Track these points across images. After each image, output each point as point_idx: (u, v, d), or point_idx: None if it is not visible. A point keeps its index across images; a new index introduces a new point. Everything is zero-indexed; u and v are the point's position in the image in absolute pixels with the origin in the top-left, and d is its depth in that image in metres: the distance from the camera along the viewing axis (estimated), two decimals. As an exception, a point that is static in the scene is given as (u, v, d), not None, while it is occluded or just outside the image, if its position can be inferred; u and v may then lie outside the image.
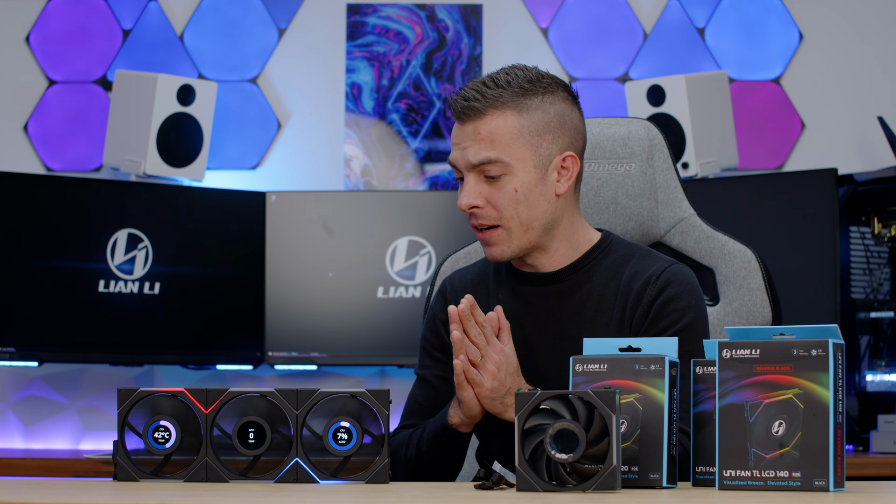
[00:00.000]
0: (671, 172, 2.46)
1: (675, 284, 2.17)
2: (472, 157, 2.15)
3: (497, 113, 2.15)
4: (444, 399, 2.24)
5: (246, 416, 1.85)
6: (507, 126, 2.15)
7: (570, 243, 2.23)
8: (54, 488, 1.83)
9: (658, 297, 2.16)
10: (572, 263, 2.22)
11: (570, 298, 2.21)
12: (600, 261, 2.23)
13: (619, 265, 2.22)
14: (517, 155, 2.15)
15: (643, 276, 2.19)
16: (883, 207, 3.78)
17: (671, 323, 2.15)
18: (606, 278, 2.21)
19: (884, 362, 3.76)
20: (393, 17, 4.25)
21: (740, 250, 2.42)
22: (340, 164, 4.24)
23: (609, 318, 2.18)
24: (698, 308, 2.18)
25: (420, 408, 2.29)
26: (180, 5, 4.27)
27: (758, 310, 2.39)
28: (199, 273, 3.93)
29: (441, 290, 2.34)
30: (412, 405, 2.32)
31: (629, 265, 2.21)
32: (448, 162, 2.22)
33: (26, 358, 3.78)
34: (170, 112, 3.97)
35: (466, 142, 2.16)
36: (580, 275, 2.22)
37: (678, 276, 2.18)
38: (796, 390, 1.69)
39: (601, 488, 1.68)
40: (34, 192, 3.77)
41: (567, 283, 2.22)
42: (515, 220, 2.16)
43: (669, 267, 2.19)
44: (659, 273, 2.18)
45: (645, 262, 2.21)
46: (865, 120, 4.14)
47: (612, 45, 4.25)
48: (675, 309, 2.15)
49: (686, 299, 2.16)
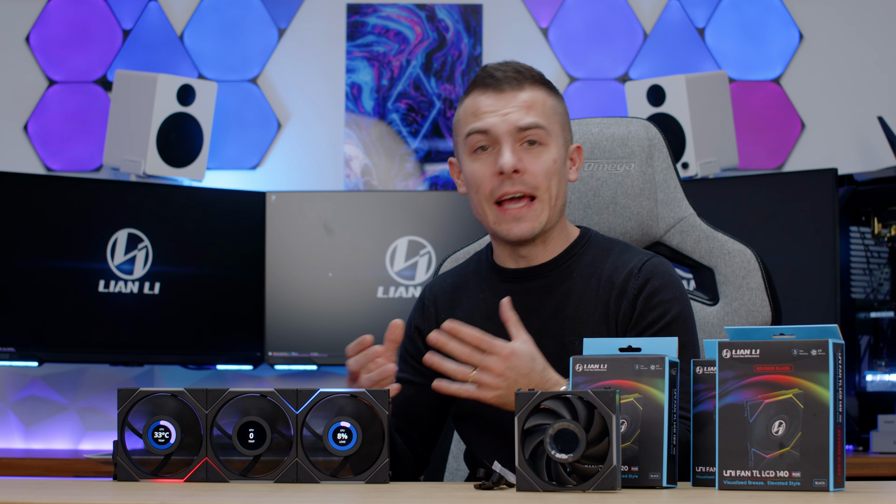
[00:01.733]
0: (671, 172, 2.46)
1: (658, 277, 2.18)
2: (518, 120, 2.16)
3: (535, 88, 2.20)
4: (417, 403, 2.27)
5: (246, 416, 1.85)
6: (545, 101, 2.19)
7: (562, 235, 2.24)
8: (54, 488, 1.83)
9: (642, 290, 2.17)
10: (553, 259, 2.23)
11: (551, 295, 2.21)
12: (580, 257, 2.23)
13: (598, 261, 2.22)
14: (553, 129, 2.19)
15: (624, 270, 2.19)
16: (883, 207, 3.78)
17: (659, 316, 2.15)
18: (587, 274, 2.21)
19: (884, 362, 3.76)
20: (393, 17, 4.25)
21: (740, 250, 2.42)
22: (340, 164, 4.24)
23: (590, 314, 2.19)
24: (682, 299, 2.19)
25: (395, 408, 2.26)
26: (180, 5, 4.27)
27: (757, 309, 2.39)
28: (199, 273, 3.93)
29: (421, 298, 2.35)
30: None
31: (609, 260, 2.22)
32: (471, 131, 2.18)
33: (26, 358, 3.78)
34: (170, 112, 3.97)
35: (508, 108, 2.16)
36: (561, 271, 2.22)
37: (659, 268, 2.19)
38: (796, 390, 1.69)
39: (601, 488, 1.68)
40: (34, 192, 3.77)
41: (548, 278, 2.22)
42: (548, 192, 2.17)
43: (650, 260, 2.20)
44: (640, 266, 2.19)
45: (625, 257, 2.22)
46: (865, 120, 4.14)
47: (611, 45, 4.25)
48: (661, 301, 2.16)
49: (670, 291, 2.17)
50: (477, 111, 2.18)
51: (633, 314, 2.16)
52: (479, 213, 2.21)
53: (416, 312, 2.34)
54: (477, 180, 2.18)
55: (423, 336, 2.23)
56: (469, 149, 2.19)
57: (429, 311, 2.32)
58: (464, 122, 2.21)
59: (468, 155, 2.19)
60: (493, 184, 2.16)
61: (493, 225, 2.19)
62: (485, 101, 2.18)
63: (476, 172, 2.18)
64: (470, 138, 2.18)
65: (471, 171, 2.19)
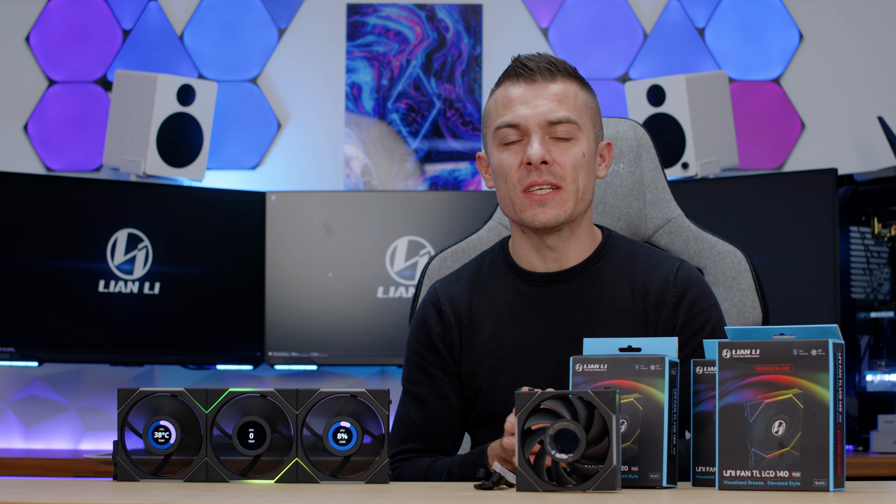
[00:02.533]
0: (658, 173, 2.46)
1: (695, 285, 2.19)
2: (549, 114, 2.14)
3: (567, 81, 2.18)
4: (443, 420, 2.22)
5: (246, 416, 1.85)
6: (578, 94, 2.18)
7: (590, 234, 2.22)
8: (54, 488, 1.83)
9: (682, 299, 2.17)
10: (582, 262, 2.21)
11: (583, 299, 2.19)
12: (608, 258, 2.22)
13: (626, 263, 2.21)
14: (584, 123, 2.17)
15: (658, 275, 2.19)
16: (883, 207, 3.78)
17: (702, 325, 2.16)
18: (617, 277, 2.20)
19: (884, 362, 3.76)
20: (393, 17, 4.25)
21: (729, 251, 2.41)
22: (340, 164, 4.24)
23: (626, 319, 2.17)
24: (717, 305, 2.22)
25: (420, 430, 2.23)
26: (180, 5, 4.27)
27: (748, 310, 2.38)
28: (199, 273, 3.93)
29: (433, 303, 2.26)
30: (410, 426, 2.24)
31: (638, 263, 2.21)
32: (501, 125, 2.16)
33: (26, 358, 3.78)
34: (170, 112, 3.97)
35: (539, 100, 2.15)
36: (591, 274, 2.20)
37: (693, 275, 2.21)
38: (796, 390, 1.69)
39: (601, 488, 1.68)
40: (34, 192, 3.77)
41: (578, 282, 2.20)
42: (574, 185, 2.15)
43: (681, 266, 2.21)
44: (675, 272, 2.19)
45: (655, 260, 2.22)
46: (865, 120, 4.14)
47: (612, 45, 4.25)
48: (701, 311, 2.17)
49: (708, 299, 2.20)
50: (508, 102, 2.16)
51: (675, 323, 2.16)
52: (507, 203, 2.18)
53: (432, 319, 2.25)
54: (505, 170, 2.16)
55: (447, 344, 2.22)
56: (498, 141, 2.17)
57: (447, 317, 2.24)
58: (494, 113, 2.19)
59: (497, 146, 2.18)
60: (520, 174, 2.14)
61: (520, 213, 2.15)
62: (516, 92, 2.16)
63: (504, 162, 2.16)
64: (499, 132, 2.16)
65: (499, 161, 2.17)
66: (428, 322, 2.25)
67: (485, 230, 2.48)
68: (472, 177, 4.21)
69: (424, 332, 2.25)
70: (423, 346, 2.25)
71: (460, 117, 4.21)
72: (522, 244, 2.22)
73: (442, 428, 2.23)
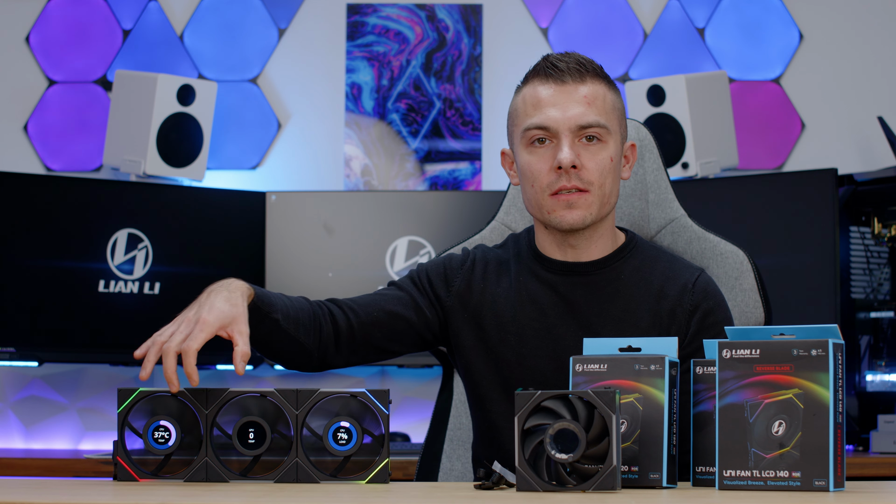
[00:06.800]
0: (661, 173, 2.46)
1: (711, 296, 2.21)
2: (579, 118, 2.15)
3: (596, 82, 2.18)
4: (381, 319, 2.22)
5: (246, 416, 1.85)
6: (606, 96, 2.18)
7: (610, 235, 2.25)
8: (54, 488, 1.83)
9: (696, 308, 2.19)
10: (603, 258, 2.23)
11: (599, 293, 2.21)
12: (627, 260, 2.24)
13: (647, 267, 2.23)
14: (612, 126, 2.18)
15: (677, 282, 2.21)
16: (883, 207, 3.78)
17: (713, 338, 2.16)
18: (635, 279, 2.22)
19: (884, 362, 3.76)
20: (393, 17, 4.25)
21: (732, 251, 2.42)
22: (340, 164, 4.24)
23: (639, 319, 2.19)
24: (731, 319, 2.24)
25: (360, 308, 2.22)
26: (180, 5, 4.27)
27: (750, 310, 2.39)
28: (199, 273, 3.93)
29: (469, 254, 2.31)
30: (358, 299, 2.25)
31: (658, 268, 2.23)
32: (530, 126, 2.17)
33: (26, 358, 3.78)
34: (170, 112, 3.97)
35: (569, 103, 2.15)
36: (609, 271, 2.23)
37: (711, 286, 2.23)
38: (796, 390, 1.69)
39: (601, 488, 1.68)
40: (34, 192, 3.77)
41: (596, 276, 2.22)
42: (601, 189, 2.16)
43: (701, 276, 2.23)
44: (693, 281, 2.21)
45: (675, 267, 2.24)
46: (865, 120, 4.14)
47: (612, 45, 4.25)
48: (714, 322, 2.19)
49: (722, 311, 2.22)
50: (538, 103, 2.17)
51: (687, 331, 2.18)
52: (533, 204, 2.20)
53: (457, 262, 2.30)
54: (534, 174, 2.17)
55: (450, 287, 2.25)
56: (526, 141, 2.18)
57: (467, 270, 2.28)
58: (522, 113, 2.19)
59: (525, 147, 2.19)
60: (550, 178, 2.16)
61: (548, 215, 2.18)
62: (545, 93, 2.16)
63: (533, 166, 2.17)
64: (528, 133, 2.17)
65: (527, 163, 2.18)
66: (452, 264, 2.30)
67: (487, 230, 2.49)
68: (473, 177, 4.21)
69: (444, 268, 2.29)
70: (436, 276, 2.28)
71: (460, 117, 4.21)
72: (545, 238, 2.26)
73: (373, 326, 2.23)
